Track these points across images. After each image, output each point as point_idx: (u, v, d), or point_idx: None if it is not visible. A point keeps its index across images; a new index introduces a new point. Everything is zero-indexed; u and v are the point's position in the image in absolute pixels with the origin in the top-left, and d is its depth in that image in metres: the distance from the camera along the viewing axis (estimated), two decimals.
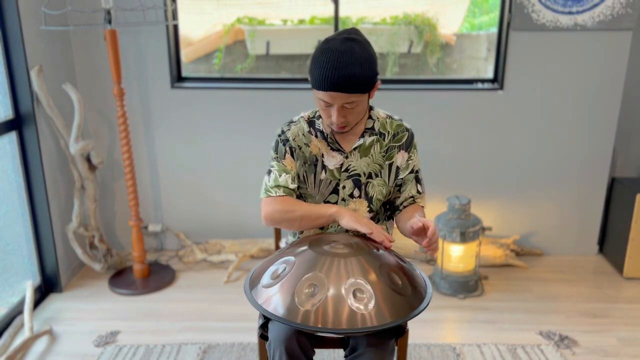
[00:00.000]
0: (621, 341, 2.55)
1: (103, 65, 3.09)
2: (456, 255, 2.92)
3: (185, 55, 3.31)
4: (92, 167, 2.99)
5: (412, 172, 1.77)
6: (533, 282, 3.08)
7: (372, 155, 1.74)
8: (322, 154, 1.73)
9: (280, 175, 1.72)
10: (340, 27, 3.17)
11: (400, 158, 1.76)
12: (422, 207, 1.79)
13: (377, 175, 1.74)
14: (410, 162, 1.77)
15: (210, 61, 3.44)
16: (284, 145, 1.74)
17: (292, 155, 1.73)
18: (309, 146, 1.74)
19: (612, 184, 3.26)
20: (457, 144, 3.20)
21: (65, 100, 2.99)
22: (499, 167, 3.24)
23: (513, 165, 3.23)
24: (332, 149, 1.73)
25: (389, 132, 1.75)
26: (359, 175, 1.73)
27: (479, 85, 3.16)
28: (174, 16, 3.05)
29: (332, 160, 1.73)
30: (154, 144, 3.24)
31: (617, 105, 3.11)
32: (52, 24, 2.79)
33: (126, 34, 3.05)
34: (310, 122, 1.76)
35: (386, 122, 1.77)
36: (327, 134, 1.72)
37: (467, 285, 2.93)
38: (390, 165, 1.75)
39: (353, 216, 1.62)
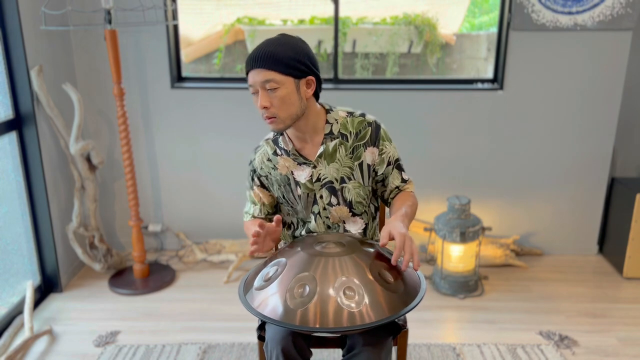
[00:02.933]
0: (621, 341, 2.55)
1: (103, 65, 3.10)
2: (456, 255, 2.92)
3: (185, 55, 3.31)
4: (92, 167, 3.00)
5: (389, 164, 1.73)
6: (533, 282, 3.08)
7: (339, 160, 1.69)
8: (292, 172, 1.72)
9: (250, 206, 1.85)
10: (340, 27, 3.17)
11: (369, 155, 1.71)
12: (411, 192, 1.75)
13: (349, 179, 1.71)
14: (384, 155, 1.72)
15: (210, 61, 3.44)
16: (253, 175, 1.80)
17: (262, 185, 1.80)
18: (276, 169, 1.74)
19: (612, 184, 3.26)
20: (457, 144, 3.20)
21: (65, 100, 2.99)
22: (499, 167, 3.24)
23: (513, 166, 3.23)
24: (298, 163, 1.71)
25: (351, 132, 1.70)
26: (332, 182, 1.71)
27: (479, 85, 3.16)
28: (174, 16, 3.05)
29: (302, 174, 1.71)
30: (154, 144, 3.25)
31: (617, 105, 3.11)
32: (52, 24, 2.80)
33: (126, 34, 3.05)
34: (275, 141, 1.75)
35: (347, 121, 1.71)
36: (290, 150, 1.71)
37: (467, 285, 2.93)
38: (361, 165, 1.71)
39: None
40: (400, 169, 1.76)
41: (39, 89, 2.71)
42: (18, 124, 2.72)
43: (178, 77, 3.21)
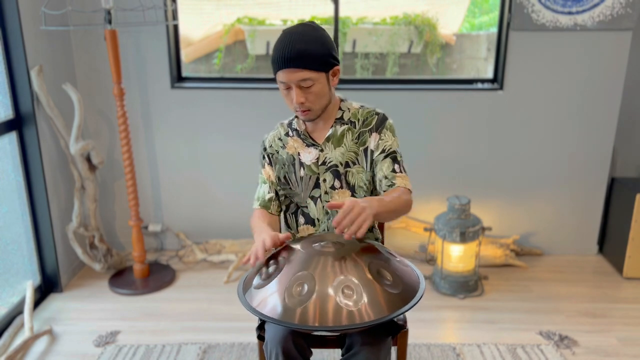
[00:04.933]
0: (621, 341, 2.55)
1: (103, 65, 3.10)
2: (456, 255, 2.92)
3: (185, 55, 3.31)
4: (92, 167, 3.00)
5: (382, 152, 1.74)
6: (533, 282, 3.08)
7: (345, 144, 1.76)
8: (298, 152, 1.79)
9: (261, 187, 1.86)
10: (341, 27, 3.17)
11: (373, 141, 1.76)
12: (404, 187, 1.68)
13: (354, 163, 1.76)
14: (381, 142, 1.74)
15: (210, 61, 3.44)
16: (263, 153, 1.85)
17: (270, 162, 1.84)
18: (285, 148, 1.81)
19: (612, 184, 3.26)
20: (457, 144, 3.20)
21: (65, 100, 2.99)
22: (499, 167, 3.24)
23: (513, 165, 3.23)
24: (307, 145, 1.78)
25: (359, 120, 1.77)
26: (337, 166, 1.76)
27: (479, 85, 3.16)
28: (174, 16, 3.05)
29: (309, 156, 1.77)
30: (154, 144, 3.25)
31: (617, 105, 3.11)
32: (52, 24, 2.80)
33: (126, 34, 3.05)
34: (289, 124, 1.83)
35: (358, 111, 1.79)
36: (301, 131, 1.78)
37: (467, 285, 2.93)
38: (365, 150, 1.77)
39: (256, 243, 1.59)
40: (395, 160, 1.72)
41: (39, 89, 2.71)
42: (18, 124, 2.72)
43: (178, 77, 3.21)
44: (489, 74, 3.21)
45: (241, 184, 3.28)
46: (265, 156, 1.84)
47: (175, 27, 3.13)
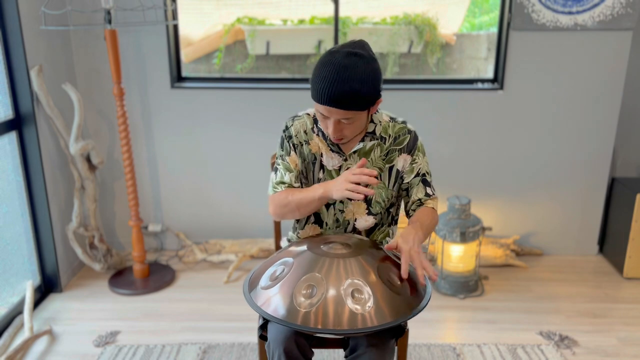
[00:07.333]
0: (621, 341, 2.55)
1: (103, 65, 3.09)
2: (456, 255, 2.92)
3: (185, 55, 3.31)
4: (92, 167, 3.00)
5: (417, 175, 1.74)
6: (533, 282, 3.08)
7: (371, 159, 1.72)
8: (322, 153, 1.73)
9: (284, 175, 1.73)
10: (341, 27, 3.17)
11: (401, 161, 1.73)
12: (433, 208, 1.73)
13: (376, 179, 1.73)
14: (414, 165, 1.74)
15: (210, 61, 3.44)
16: (289, 141, 1.74)
17: (295, 151, 1.74)
18: (309, 144, 1.73)
19: (612, 184, 3.26)
20: (457, 144, 3.20)
21: (65, 100, 2.99)
22: (499, 167, 3.24)
23: (513, 165, 3.23)
24: (331, 150, 1.73)
25: (390, 136, 1.73)
26: None
27: (479, 85, 3.16)
28: (174, 16, 3.05)
29: (331, 161, 1.73)
30: (154, 144, 3.24)
31: (617, 105, 3.11)
32: (52, 24, 2.79)
33: (126, 34, 3.05)
34: (315, 120, 1.75)
35: (388, 125, 1.74)
36: (328, 134, 1.72)
37: (467, 285, 2.93)
38: (391, 168, 1.73)
39: (339, 189, 1.56)
40: (425, 183, 1.74)
41: (39, 89, 2.71)
42: (18, 124, 2.72)
43: (178, 77, 3.21)
44: (489, 74, 3.21)
45: (241, 184, 3.28)
46: (291, 144, 1.73)
47: (175, 27, 3.13)
